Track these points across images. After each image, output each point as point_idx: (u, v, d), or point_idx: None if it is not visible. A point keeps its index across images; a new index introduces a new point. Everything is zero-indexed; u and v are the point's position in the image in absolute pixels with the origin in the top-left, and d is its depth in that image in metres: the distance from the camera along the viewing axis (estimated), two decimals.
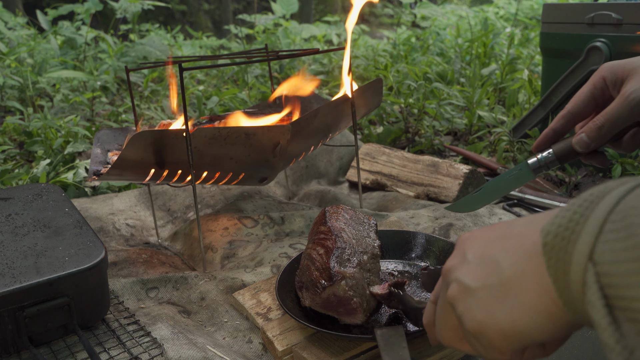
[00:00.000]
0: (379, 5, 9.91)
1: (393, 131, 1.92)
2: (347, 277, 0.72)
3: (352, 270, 0.73)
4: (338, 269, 0.73)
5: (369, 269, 0.77)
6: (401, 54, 3.06)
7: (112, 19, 3.61)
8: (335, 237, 0.79)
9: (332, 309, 0.74)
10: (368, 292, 0.73)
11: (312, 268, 0.76)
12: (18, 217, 0.94)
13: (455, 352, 0.74)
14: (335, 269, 0.73)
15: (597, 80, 0.71)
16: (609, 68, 0.70)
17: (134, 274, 1.05)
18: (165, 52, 3.12)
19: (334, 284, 0.72)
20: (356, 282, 0.73)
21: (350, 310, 0.72)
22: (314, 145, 1.20)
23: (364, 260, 0.77)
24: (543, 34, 1.55)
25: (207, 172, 1.05)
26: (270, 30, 3.89)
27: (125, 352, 0.78)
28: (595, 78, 0.72)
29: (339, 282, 0.72)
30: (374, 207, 1.37)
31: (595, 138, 0.69)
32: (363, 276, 0.75)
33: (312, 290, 0.75)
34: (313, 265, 0.76)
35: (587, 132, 0.69)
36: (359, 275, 0.74)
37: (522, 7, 4.10)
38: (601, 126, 0.68)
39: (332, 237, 0.79)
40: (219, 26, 9.11)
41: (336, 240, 0.78)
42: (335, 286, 0.72)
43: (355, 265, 0.75)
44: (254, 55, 1.36)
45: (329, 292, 0.72)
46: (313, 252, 0.79)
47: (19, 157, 1.85)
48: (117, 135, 1.29)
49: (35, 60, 2.82)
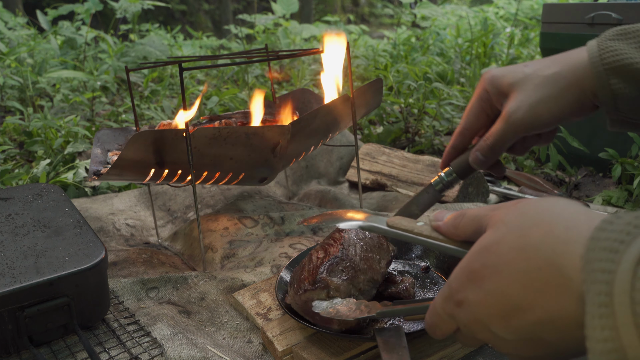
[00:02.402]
0: (379, 5, 9.91)
1: (393, 131, 1.92)
2: (330, 287, 0.72)
3: (338, 282, 0.72)
4: (325, 276, 0.72)
5: (360, 288, 0.75)
6: (401, 54, 3.06)
7: (112, 19, 3.61)
8: (342, 247, 0.78)
9: (309, 314, 0.73)
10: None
11: (305, 268, 0.76)
12: (18, 217, 0.94)
13: (455, 352, 0.74)
14: (322, 276, 0.72)
15: (481, 93, 0.72)
16: (490, 80, 0.70)
17: (134, 274, 1.05)
18: (165, 52, 3.12)
19: (315, 289, 0.72)
20: (338, 294, 0.72)
21: (326, 320, 0.71)
22: (314, 145, 1.20)
23: (359, 278, 0.75)
24: (543, 34, 1.55)
25: (207, 172, 1.05)
26: (270, 30, 3.89)
27: (125, 352, 0.78)
28: (479, 90, 0.72)
29: (321, 289, 0.71)
30: (374, 207, 1.37)
31: (489, 155, 0.71)
32: (349, 292, 0.73)
33: (295, 290, 0.75)
34: (307, 266, 0.76)
35: (481, 151, 0.71)
36: (344, 289, 0.73)
37: (522, 7, 4.10)
38: (492, 145, 0.70)
39: (338, 246, 0.78)
40: (219, 26, 9.12)
41: (340, 250, 0.77)
42: (315, 292, 0.72)
43: (345, 278, 0.73)
44: (254, 55, 1.36)
45: (308, 296, 0.72)
46: (315, 253, 0.79)
47: (19, 157, 1.85)
48: (117, 135, 1.29)
49: (35, 60, 2.82)
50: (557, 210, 0.43)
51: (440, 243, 0.56)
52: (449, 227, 0.55)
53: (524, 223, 0.43)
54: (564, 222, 0.41)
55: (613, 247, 0.35)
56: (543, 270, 0.40)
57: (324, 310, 0.71)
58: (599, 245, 0.36)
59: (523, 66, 0.69)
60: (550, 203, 0.44)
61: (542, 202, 0.45)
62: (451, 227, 0.55)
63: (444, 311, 0.49)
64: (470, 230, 0.52)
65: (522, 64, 0.70)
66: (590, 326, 0.34)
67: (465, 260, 0.47)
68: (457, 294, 0.47)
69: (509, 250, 0.43)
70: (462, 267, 0.47)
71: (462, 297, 0.46)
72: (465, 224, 0.53)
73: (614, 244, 0.35)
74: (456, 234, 0.54)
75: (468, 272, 0.46)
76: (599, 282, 0.34)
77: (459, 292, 0.47)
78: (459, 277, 0.47)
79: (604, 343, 0.33)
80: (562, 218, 0.42)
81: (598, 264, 0.35)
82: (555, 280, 0.39)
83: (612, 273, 0.33)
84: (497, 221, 0.47)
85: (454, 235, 0.55)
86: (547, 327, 0.40)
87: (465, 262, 0.47)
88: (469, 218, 0.52)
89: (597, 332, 0.33)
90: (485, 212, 0.50)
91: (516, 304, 0.42)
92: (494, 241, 0.45)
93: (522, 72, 0.68)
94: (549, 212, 0.43)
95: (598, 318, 0.34)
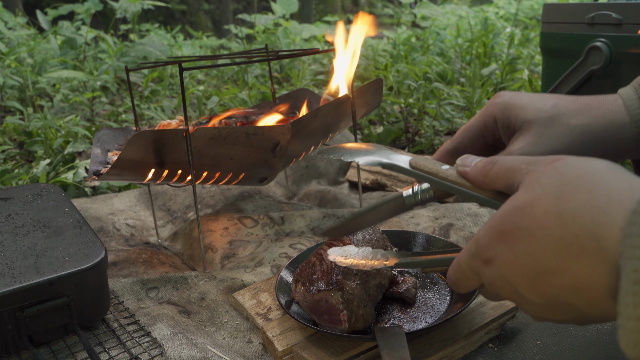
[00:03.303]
0: (379, 5, 9.91)
1: (393, 131, 1.92)
2: (345, 289, 0.71)
3: (353, 285, 0.72)
4: (341, 278, 0.72)
5: (370, 294, 0.75)
6: (401, 54, 3.06)
7: (112, 19, 3.61)
8: None
9: (317, 313, 0.73)
10: (361, 313, 0.72)
11: (317, 267, 0.75)
12: (18, 217, 0.94)
13: (455, 352, 0.74)
14: (338, 278, 0.72)
15: (488, 119, 0.63)
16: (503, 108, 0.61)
17: (134, 274, 1.05)
18: (165, 52, 3.12)
19: (330, 290, 0.71)
20: (353, 297, 0.71)
21: (336, 320, 0.71)
22: (314, 145, 1.20)
23: (369, 283, 0.75)
24: (543, 34, 1.55)
25: (207, 172, 1.05)
26: (270, 30, 3.89)
27: (125, 352, 0.78)
28: (486, 115, 0.63)
29: (336, 290, 0.71)
30: None
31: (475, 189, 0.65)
32: (362, 296, 0.73)
33: (307, 287, 0.74)
34: (319, 265, 0.76)
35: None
36: (359, 293, 0.72)
37: (522, 7, 4.10)
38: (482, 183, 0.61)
39: None
40: (219, 26, 9.11)
41: None
42: (330, 292, 0.71)
43: (358, 282, 0.73)
44: (254, 55, 1.35)
45: (321, 296, 0.72)
46: (325, 254, 0.78)
47: (19, 157, 1.85)
48: (117, 135, 1.29)
49: (35, 60, 2.82)
50: (598, 175, 0.40)
51: (467, 190, 0.53)
52: (477, 174, 0.52)
53: (562, 186, 0.41)
54: (605, 190, 0.39)
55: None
56: (579, 238, 0.39)
57: (339, 258, 0.68)
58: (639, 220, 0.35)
59: (546, 102, 0.60)
60: (591, 165, 0.42)
61: (582, 163, 0.43)
62: (480, 175, 0.52)
63: (469, 268, 0.48)
64: (501, 182, 0.49)
65: (546, 98, 0.61)
66: (624, 303, 0.34)
67: (496, 219, 0.45)
68: (485, 252, 0.46)
69: (545, 214, 0.41)
70: (492, 225, 0.45)
71: (490, 255, 0.45)
72: (496, 174, 0.50)
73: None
74: (485, 182, 0.51)
75: (498, 231, 0.45)
76: (636, 259, 0.34)
77: (488, 251, 0.45)
78: (489, 236, 0.45)
79: (636, 321, 0.33)
80: (603, 185, 0.39)
81: (637, 240, 0.34)
82: (591, 250, 0.38)
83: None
84: (532, 180, 0.44)
85: (482, 183, 0.52)
86: (577, 293, 0.40)
87: (495, 220, 0.45)
88: (500, 168, 0.50)
89: (629, 309, 0.33)
90: (519, 165, 0.47)
91: (547, 268, 0.41)
92: (528, 202, 0.43)
93: (544, 110, 0.59)
94: (590, 176, 0.41)
95: (632, 295, 0.33)
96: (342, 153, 0.68)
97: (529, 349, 0.74)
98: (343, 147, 0.69)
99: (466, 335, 0.74)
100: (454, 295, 0.81)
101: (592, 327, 0.77)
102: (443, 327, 0.76)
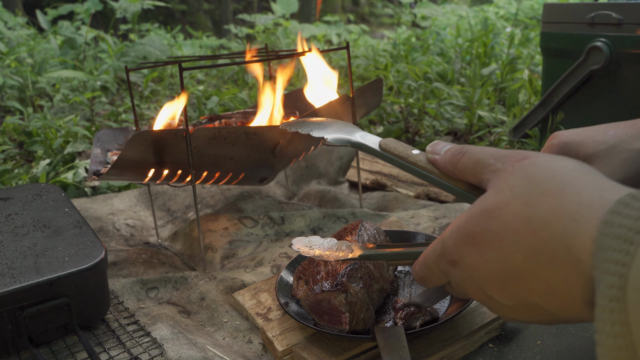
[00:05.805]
0: (379, 5, 9.91)
1: (393, 131, 1.92)
2: (349, 292, 0.71)
3: (357, 288, 0.72)
4: (345, 280, 0.72)
5: (372, 298, 0.75)
6: (401, 54, 3.06)
7: (112, 18, 3.61)
8: None
9: (318, 312, 0.73)
10: (362, 316, 0.72)
11: (322, 267, 0.75)
12: (18, 217, 0.94)
13: (455, 352, 0.74)
14: (343, 280, 0.72)
15: None
16: (559, 150, 0.60)
17: (134, 274, 1.05)
18: (165, 52, 3.12)
19: (334, 291, 0.71)
20: (356, 300, 0.71)
21: (336, 321, 0.71)
22: (314, 145, 1.19)
23: (373, 287, 0.75)
24: (543, 34, 1.55)
25: (207, 172, 1.04)
26: (270, 30, 3.89)
27: (125, 352, 0.78)
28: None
29: (340, 292, 0.71)
30: (374, 207, 1.37)
31: None
32: (365, 300, 0.73)
33: (310, 286, 0.74)
34: (324, 265, 0.75)
35: None
36: (362, 297, 0.72)
37: (522, 7, 4.09)
38: None
39: None
40: (219, 26, 9.11)
41: None
42: (334, 294, 0.71)
43: (362, 286, 0.73)
44: (254, 55, 1.35)
45: (324, 296, 0.72)
46: None
47: (18, 157, 1.85)
48: (117, 135, 1.29)
49: (35, 60, 2.82)
50: (567, 180, 0.39)
51: (437, 178, 0.53)
52: (446, 163, 0.52)
53: (531, 189, 0.40)
54: (575, 196, 0.38)
55: (628, 237, 0.33)
56: (549, 245, 0.38)
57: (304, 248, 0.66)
58: (612, 232, 0.34)
59: (604, 132, 0.58)
60: (559, 166, 0.41)
61: (551, 163, 0.42)
62: (448, 164, 0.51)
63: (436, 266, 0.48)
64: (469, 174, 0.49)
65: (602, 128, 0.59)
66: (601, 319, 0.33)
67: (464, 220, 0.44)
68: (451, 254, 0.45)
69: (514, 219, 0.40)
70: (459, 226, 0.45)
71: (457, 257, 0.45)
72: (464, 166, 0.49)
73: (629, 234, 0.33)
74: (454, 172, 0.51)
75: (466, 233, 0.44)
76: (611, 274, 0.33)
77: (454, 253, 0.45)
78: (456, 237, 0.45)
79: (614, 338, 0.32)
80: (573, 190, 0.38)
81: (611, 254, 0.33)
82: (562, 257, 0.37)
83: (626, 266, 0.32)
84: (500, 181, 0.44)
85: (451, 172, 0.52)
86: (548, 297, 0.40)
87: (463, 222, 0.44)
88: (469, 159, 0.49)
89: (607, 326, 0.32)
90: (488, 159, 0.47)
91: (517, 272, 0.40)
92: (496, 206, 0.42)
93: (603, 141, 0.57)
94: (559, 179, 0.40)
95: (609, 312, 0.32)
96: (310, 127, 0.67)
97: (529, 349, 0.74)
98: (311, 121, 0.68)
99: (466, 335, 0.74)
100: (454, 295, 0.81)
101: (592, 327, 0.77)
102: (443, 327, 0.75)
